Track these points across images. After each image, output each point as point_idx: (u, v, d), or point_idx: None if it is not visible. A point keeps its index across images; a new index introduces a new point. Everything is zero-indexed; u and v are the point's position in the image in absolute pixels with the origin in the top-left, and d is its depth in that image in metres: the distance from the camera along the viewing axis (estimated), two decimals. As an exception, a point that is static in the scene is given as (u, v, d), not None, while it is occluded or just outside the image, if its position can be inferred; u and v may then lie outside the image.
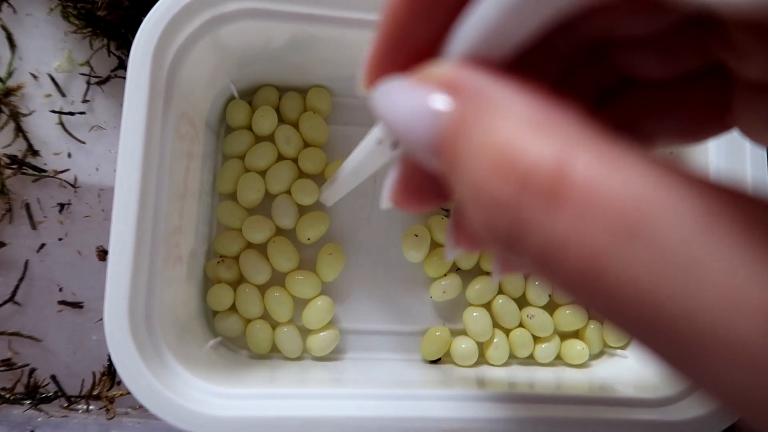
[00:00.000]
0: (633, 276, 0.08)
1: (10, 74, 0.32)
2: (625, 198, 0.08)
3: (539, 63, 0.14)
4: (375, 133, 0.16)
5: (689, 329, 0.08)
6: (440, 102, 0.10)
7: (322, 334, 0.30)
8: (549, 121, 0.09)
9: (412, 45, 0.12)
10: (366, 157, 0.18)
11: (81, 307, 0.31)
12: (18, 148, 0.31)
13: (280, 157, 0.31)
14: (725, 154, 0.27)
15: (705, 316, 0.08)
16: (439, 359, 0.31)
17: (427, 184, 0.14)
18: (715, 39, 0.12)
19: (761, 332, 0.07)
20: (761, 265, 0.08)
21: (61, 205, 0.32)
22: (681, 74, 0.13)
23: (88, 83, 0.32)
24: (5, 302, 0.31)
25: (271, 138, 0.31)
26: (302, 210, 0.31)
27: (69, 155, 0.32)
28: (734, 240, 0.08)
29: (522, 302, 0.32)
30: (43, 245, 0.31)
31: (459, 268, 0.32)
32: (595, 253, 0.08)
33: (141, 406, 0.31)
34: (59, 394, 0.31)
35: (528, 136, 0.09)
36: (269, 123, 0.31)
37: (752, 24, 0.10)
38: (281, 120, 0.32)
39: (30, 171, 0.31)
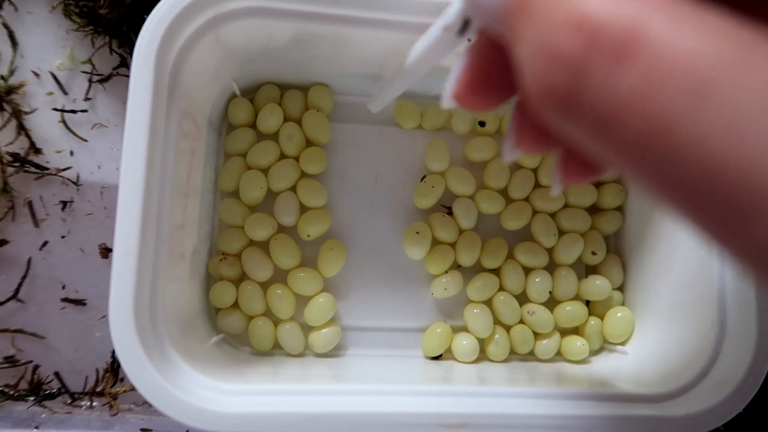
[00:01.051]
0: (702, 136, 0.08)
1: (12, 72, 0.32)
2: (700, 60, 0.08)
3: None
4: (442, 20, 0.16)
5: (751, 191, 0.08)
6: None
7: (324, 330, 0.30)
8: None
9: None
10: (430, 47, 0.17)
11: (84, 304, 0.31)
12: (20, 146, 0.31)
13: (282, 155, 0.32)
14: None
15: None
16: (440, 356, 0.31)
17: (493, 76, 0.13)
18: None
19: None
20: None
21: (64, 203, 0.32)
22: None
23: (90, 81, 0.32)
24: (8, 300, 0.31)
25: (273, 136, 0.32)
26: (304, 208, 0.31)
27: (71, 153, 0.32)
28: None
29: (522, 299, 0.32)
30: (45, 243, 0.31)
31: (460, 265, 0.32)
32: (664, 111, 0.08)
33: (144, 403, 0.31)
34: (63, 390, 0.31)
35: None
36: (276, 120, 0.31)
37: None
38: (284, 118, 0.32)
39: (32, 169, 0.31)
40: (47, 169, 0.32)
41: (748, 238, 0.08)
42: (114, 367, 0.31)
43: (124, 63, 0.32)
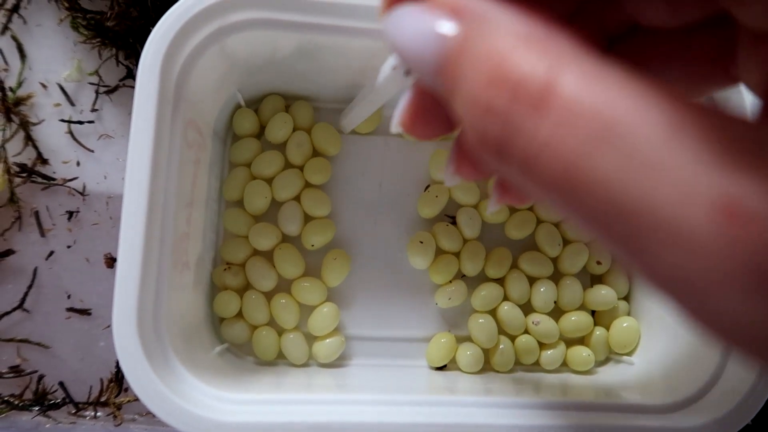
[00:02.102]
0: (602, 175, 0.09)
1: (20, 84, 0.32)
2: (602, 107, 0.09)
3: None
4: (391, 60, 0.17)
5: (648, 221, 0.09)
6: (446, 27, 0.11)
7: (328, 340, 0.30)
8: (544, 40, 0.10)
9: None
10: (382, 83, 0.19)
11: (89, 313, 0.31)
12: (27, 157, 0.32)
13: (287, 165, 0.32)
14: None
15: (662, 208, 0.09)
16: (445, 366, 0.31)
17: (435, 110, 0.15)
18: None
19: (706, 218, 0.08)
20: (714, 165, 0.08)
21: (70, 213, 0.32)
22: (687, 23, 0.14)
23: (97, 92, 0.32)
24: (14, 309, 0.31)
25: (278, 146, 0.32)
26: (308, 217, 0.31)
27: (78, 163, 0.32)
28: (695, 145, 0.09)
29: (527, 309, 0.32)
30: (51, 253, 0.32)
31: (464, 275, 0.32)
32: (572, 154, 0.09)
33: (148, 413, 0.31)
34: (67, 400, 0.31)
35: (523, 51, 0.10)
36: (286, 130, 0.31)
37: None
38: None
39: (39, 179, 0.32)
40: (54, 179, 0.32)
41: (652, 266, 0.09)
42: (118, 377, 0.31)
43: (131, 74, 0.33)
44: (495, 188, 0.17)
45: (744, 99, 0.26)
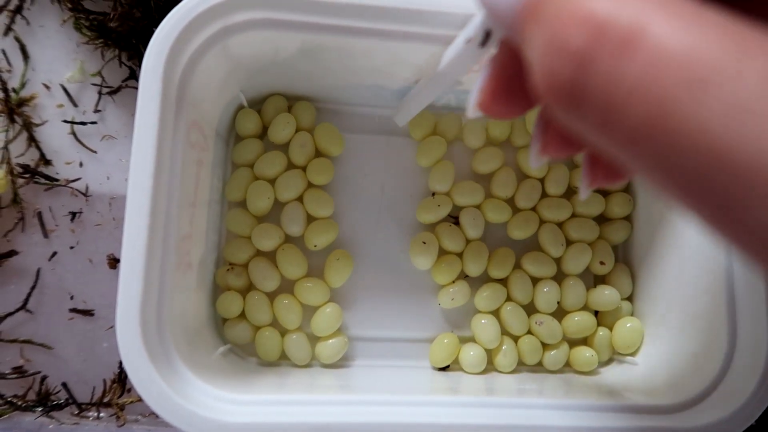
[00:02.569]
0: (703, 121, 0.08)
1: (23, 85, 0.32)
2: (699, 52, 0.08)
3: None
4: (464, 34, 0.16)
5: (750, 175, 0.08)
6: None
7: (330, 341, 0.30)
8: None
9: None
10: (454, 59, 0.18)
11: (92, 314, 0.31)
12: (31, 158, 0.32)
13: (290, 166, 0.32)
14: None
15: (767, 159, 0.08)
16: (448, 366, 0.31)
17: (515, 85, 0.14)
18: None
19: None
20: None
21: (73, 214, 0.32)
22: None
23: (100, 93, 0.32)
24: (17, 310, 0.31)
25: (280, 146, 0.32)
26: (311, 218, 0.31)
27: (81, 164, 0.32)
28: None
29: (530, 309, 0.32)
30: (54, 253, 0.32)
31: (467, 275, 0.32)
32: (664, 99, 0.08)
33: (151, 414, 0.31)
34: (70, 401, 0.31)
35: None
36: (289, 131, 0.31)
37: None
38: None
39: (42, 180, 0.32)
40: (57, 180, 0.32)
41: (749, 224, 0.08)
42: (121, 378, 0.31)
43: (134, 75, 0.33)
44: (585, 169, 0.16)
45: None
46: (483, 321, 0.31)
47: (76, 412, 0.31)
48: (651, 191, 0.32)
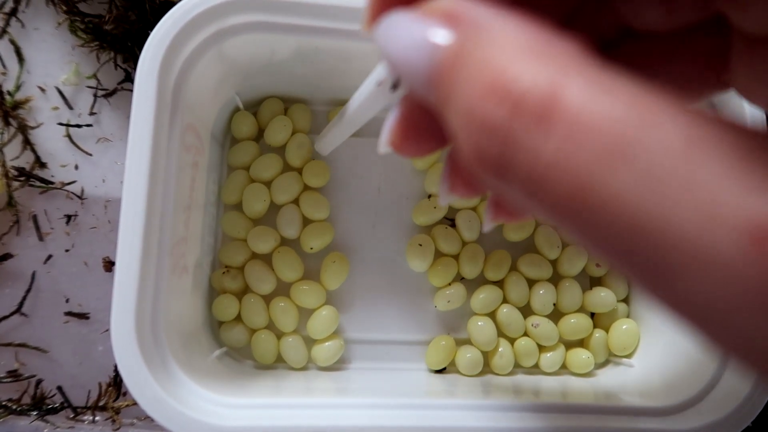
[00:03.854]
0: (617, 194, 0.08)
1: (18, 87, 0.32)
2: (614, 121, 0.08)
3: (541, 2, 0.14)
4: (375, 75, 0.16)
5: (669, 244, 0.08)
6: (440, 35, 0.11)
7: (327, 343, 0.30)
8: (545, 50, 0.09)
9: None
10: (365, 100, 0.18)
11: (87, 318, 0.31)
12: (26, 161, 0.32)
13: (285, 168, 0.32)
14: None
15: (685, 230, 0.08)
16: (444, 369, 0.31)
17: (425, 126, 0.14)
18: None
19: (737, 247, 0.08)
20: (741, 186, 0.08)
21: (68, 217, 0.32)
22: (681, 26, 0.13)
23: (95, 96, 0.32)
24: (12, 313, 0.31)
25: (278, 149, 0.32)
26: (307, 220, 0.31)
27: (76, 167, 0.32)
28: (717, 162, 0.08)
29: (526, 311, 0.32)
30: (50, 257, 0.32)
31: (463, 278, 0.32)
32: (583, 172, 0.09)
33: (146, 417, 0.31)
34: (65, 405, 0.31)
35: (523, 62, 0.09)
36: (286, 133, 0.31)
37: None
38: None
39: (37, 183, 0.32)
40: (52, 183, 0.32)
41: (676, 292, 0.08)
42: (117, 381, 0.31)
43: (129, 78, 0.33)
44: (489, 206, 0.16)
45: (743, 105, 0.26)
46: (479, 323, 0.31)
47: (72, 416, 0.31)
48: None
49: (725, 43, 0.13)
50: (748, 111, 0.25)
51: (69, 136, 0.32)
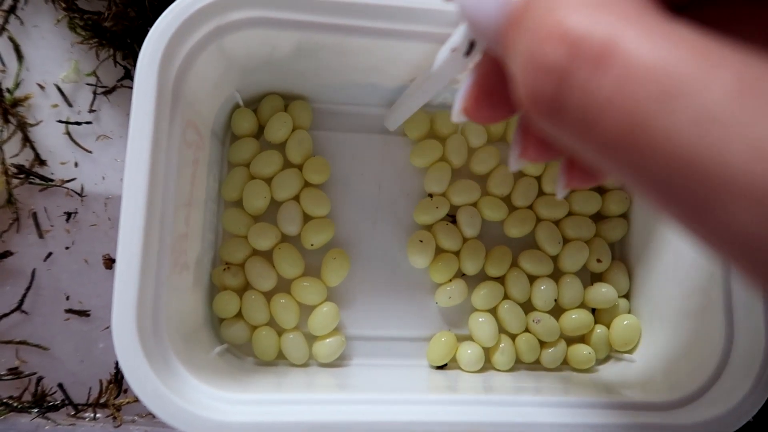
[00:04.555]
0: (671, 131, 0.09)
1: (17, 85, 0.32)
2: (669, 65, 0.09)
3: None
4: (449, 43, 0.17)
5: (719, 178, 0.09)
6: None
7: (328, 340, 0.30)
8: (607, 1, 0.10)
9: None
10: (439, 68, 0.18)
11: (88, 315, 0.31)
12: (25, 158, 0.32)
13: (286, 165, 0.32)
14: None
15: (736, 165, 0.08)
16: (446, 365, 0.31)
17: (498, 92, 0.15)
18: None
19: None
20: None
21: (68, 214, 0.32)
22: None
23: (95, 93, 0.32)
24: (13, 311, 0.31)
25: (278, 145, 0.32)
26: (307, 217, 0.31)
27: (76, 164, 0.32)
28: (765, 102, 0.08)
29: (528, 307, 0.32)
30: (50, 254, 0.32)
31: (464, 274, 0.32)
32: (637, 111, 0.09)
33: (148, 414, 0.31)
34: (66, 402, 0.31)
35: (585, 11, 0.10)
36: (286, 130, 0.31)
37: None
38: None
39: (37, 180, 0.32)
40: (52, 180, 0.32)
41: (717, 226, 0.09)
42: (118, 378, 0.31)
43: (129, 75, 0.33)
44: (562, 171, 0.16)
45: None
46: (480, 319, 0.31)
47: (73, 413, 0.31)
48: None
49: None
50: None
51: (69, 133, 0.32)
